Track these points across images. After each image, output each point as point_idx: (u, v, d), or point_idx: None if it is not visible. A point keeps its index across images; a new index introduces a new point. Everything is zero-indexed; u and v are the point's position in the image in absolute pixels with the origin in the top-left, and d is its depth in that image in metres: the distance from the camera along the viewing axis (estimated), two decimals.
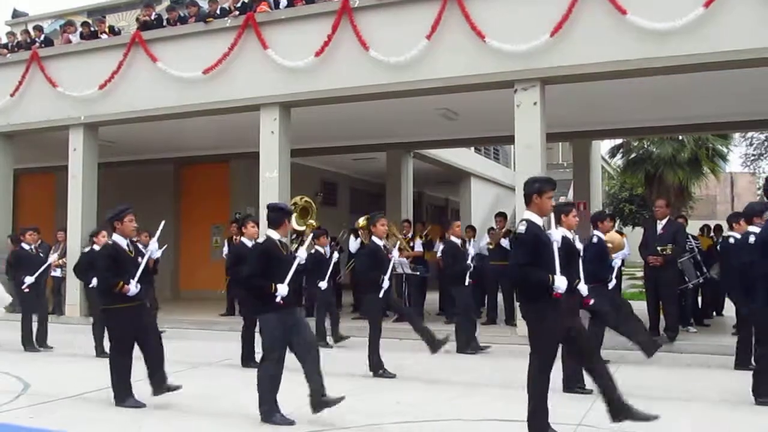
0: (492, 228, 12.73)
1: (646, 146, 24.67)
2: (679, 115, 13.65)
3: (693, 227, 12.36)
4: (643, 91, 11.36)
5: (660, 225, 9.90)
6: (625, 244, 11.29)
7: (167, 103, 12.56)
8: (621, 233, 11.96)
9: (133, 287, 6.35)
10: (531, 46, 10.01)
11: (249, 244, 8.43)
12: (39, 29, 14.99)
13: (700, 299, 11.79)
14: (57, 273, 13.87)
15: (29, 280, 10.02)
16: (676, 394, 6.83)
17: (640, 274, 13.89)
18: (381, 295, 7.91)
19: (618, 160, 27.71)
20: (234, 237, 13.19)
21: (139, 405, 6.36)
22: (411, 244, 12.65)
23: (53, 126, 13.89)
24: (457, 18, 10.42)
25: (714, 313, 12.25)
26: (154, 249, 7.06)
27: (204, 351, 8.96)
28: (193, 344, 9.75)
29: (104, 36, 13.82)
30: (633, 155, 25.18)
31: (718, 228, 12.61)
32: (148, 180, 18.25)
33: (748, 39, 9.00)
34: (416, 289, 12.53)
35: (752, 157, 34.33)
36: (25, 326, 10.19)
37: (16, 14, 20.14)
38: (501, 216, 12.49)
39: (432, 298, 13.18)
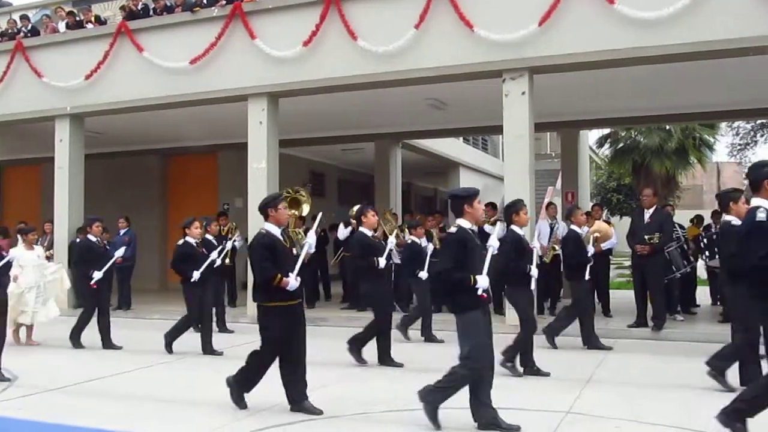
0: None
1: (633, 136, 24.79)
2: (666, 104, 13.70)
3: (680, 217, 12.45)
4: (630, 81, 11.39)
5: (647, 214, 9.96)
6: (613, 234, 11.39)
7: (154, 93, 12.47)
8: (608, 223, 12.05)
9: (292, 281, 5.73)
10: (519, 35, 10.01)
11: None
12: (26, 18, 14.84)
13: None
14: None
15: (98, 275, 9.24)
16: (663, 382, 6.88)
17: (628, 263, 13.97)
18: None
19: (606, 150, 27.82)
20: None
21: (316, 411, 5.81)
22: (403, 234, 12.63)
23: (39, 117, 13.76)
24: (445, 7, 10.40)
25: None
26: (312, 242, 6.41)
27: (192, 341, 8.93)
28: (182, 335, 9.70)
29: (90, 25, 13.69)
30: (621, 145, 25.29)
31: (700, 218, 12.65)
32: (135, 171, 18.14)
33: (736, 28, 9.03)
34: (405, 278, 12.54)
35: (738, 147, 34.52)
36: (82, 320, 9.53)
37: (0, 3, 19.91)
38: (490, 206, 12.49)
39: None
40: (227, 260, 12.92)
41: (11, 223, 14.76)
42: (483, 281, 5.12)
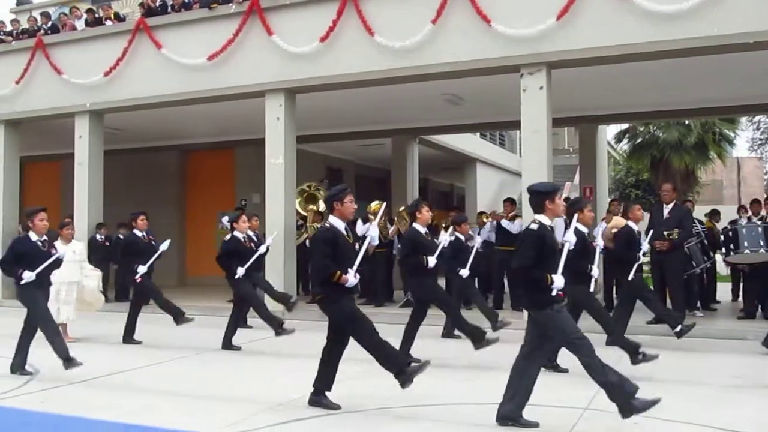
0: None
1: (652, 131, 24.55)
2: (685, 99, 13.58)
3: (699, 212, 12.33)
4: (649, 75, 11.30)
5: (666, 209, 9.89)
6: None
7: (172, 90, 12.56)
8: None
9: (351, 278, 5.59)
10: (537, 30, 9.96)
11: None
12: (46, 16, 14.99)
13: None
14: None
15: (142, 269, 9.16)
16: (683, 378, 6.83)
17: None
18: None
19: (624, 145, 27.58)
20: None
21: (335, 407, 5.72)
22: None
23: (59, 113, 13.90)
24: (462, 2, 10.37)
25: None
26: (375, 235, 6.15)
27: (211, 337, 8.99)
28: (201, 330, 9.76)
29: (109, 22, 13.79)
30: (639, 140, 25.06)
31: (714, 212, 12.44)
32: (154, 167, 18.27)
33: (756, 21, 8.94)
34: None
35: (759, 142, 34.15)
36: (132, 317, 9.47)
37: (20, 1, 20.10)
38: (509, 201, 12.43)
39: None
40: None
41: None
42: (559, 281, 4.99)
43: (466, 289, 9.56)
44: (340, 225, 5.73)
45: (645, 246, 8.38)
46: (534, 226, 5.17)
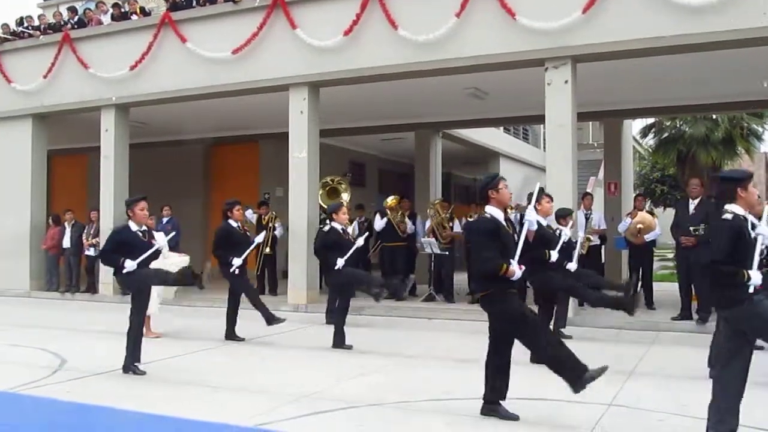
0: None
1: (678, 126, 24.26)
2: (712, 93, 13.38)
3: None
4: (675, 69, 11.15)
5: (692, 205, 9.76)
6: (656, 225, 11.21)
7: (197, 83, 12.62)
8: (652, 214, 11.86)
9: (517, 270, 5.21)
10: (562, 23, 9.86)
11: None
12: (73, 11, 15.14)
13: None
14: (91, 252, 14.11)
15: (237, 261, 8.87)
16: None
17: (672, 255, 13.74)
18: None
19: (650, 140, 27.27)
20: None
21: (512, 417, 5.28)
22: (450, 224, 12.60)
23: (85, 107, 14.05)
24: None
25: None
26: (532, 219, 5.81)
27: (237, 328, 9.06)
28: (224, 322, 9.83)
29: (134, 17, 13.90)
30: (665, 135, 24.77)
31: None
32: (178, 161, 18.40)
33: None
34: (447, 269, 12.53)
35: None
36: (232, 312, 9.14)
37: None
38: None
39: (460, 278, 13.13)
40: (267, 249, 13.10)
41: (59, 211, 15.15)
42: (756, 277, 4.53)
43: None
44: (499, 214, 5.35)
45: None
46: (728, 216, 4.65)
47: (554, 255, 7.48)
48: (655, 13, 9.45)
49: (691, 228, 9.46)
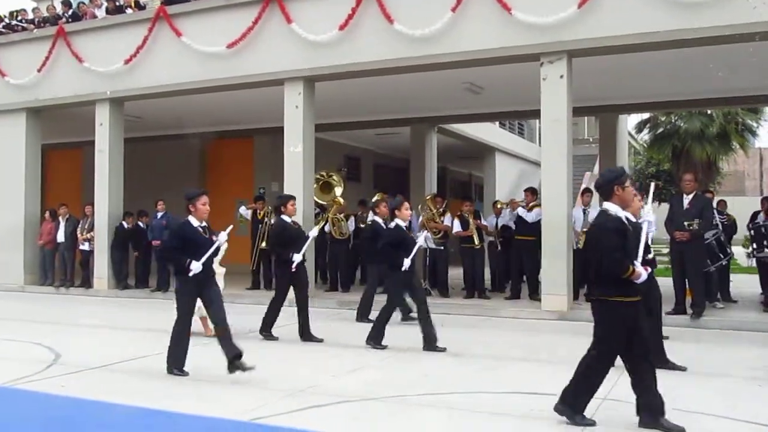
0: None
1: (673, 121, 24.35)
2: (707, 88, 13.42)
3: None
4: (671, 64, 11.17)
5: (687, 200, 9.78)
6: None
7: (192, 77, 12.60)
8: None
9: (643, 272, 4.89)
10: (558, 18, 9.87)
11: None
12: (67, 4, 15.08)
13: None
14: (85, 246, 14.09)
15: (298, 257, 8.50)
16: (702, 370, 6.78)
17: (666, 249, 13.75)
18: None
19: (645, 135, 27.39)
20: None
21: (588, 422, 4.97)
22: (442, 219, 12.61)
23: (80, 101, 14.02)
24: None
25: None
26: (653, 220, 5.44)
27: (230, 323, 9.03)
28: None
29: (129, 10, 13.86)
30: (660, 130, 24.86)
31: (722, 203, 12.11)
32: (173, 155, 18.37)
33: None
34: (442, 264, 12.55)
35: None
36: (274, 308, 8.70)
37: None
38: (530, 191, 12.30)
39: (453, 273, 13.14)
40: (263, 243, 13.08)
41: (53, 205, 15.11)
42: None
43: None
44: (622, 213, 4.99)
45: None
46: None
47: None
48: (651, 7, 9.47)
49: (685, 223, 9.48)
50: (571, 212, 10.79)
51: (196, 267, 6.36)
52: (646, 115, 25.34)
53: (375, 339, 7.93)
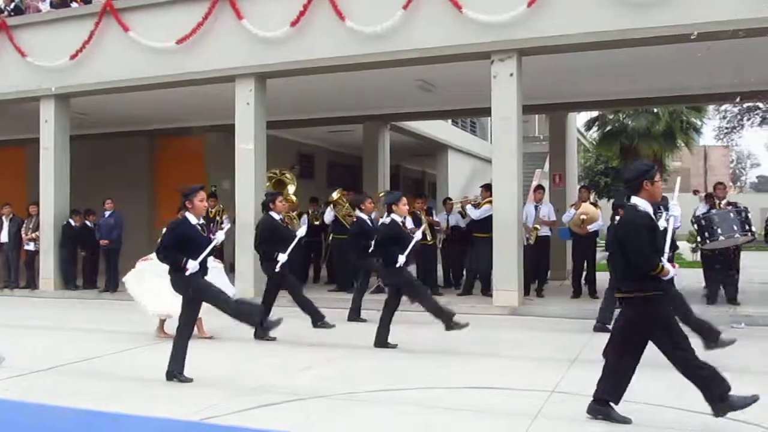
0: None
1: (621, 119, 24.86)
2: (654, 87, 13.72)
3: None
4: (619, 63, 11.39)
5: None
6: (600, 216, 11.46)
7: (140, 73, 12.38)
8: (595, 205, 12.12)
9: (672, 269, 4.84)
10: (508, 16, 9.98)
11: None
12: None
13: None
14: (30, 247, 13.76)
15: (283, 258, 8.24)
16: (650, 361, 6.89)
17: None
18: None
19: (594, 133, 27.91)
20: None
21: (625, 420, 4.88)
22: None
23: (23, 97, 13.67)
24: None
25: None
26: (678, 215, 5.39)
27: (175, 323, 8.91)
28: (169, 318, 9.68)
29: (75, 4, 13.55)
30: (609, 128, 25.37)
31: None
32: (122, 152, 18.02)
33: (724, 11, 9.05)
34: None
35: (725, 131, 34.72)
36: (266, 305, 8.39)
37: None
38: (486, 187, 12.37)
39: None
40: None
41: None
42: None
43: None
44: (649, 209, 4.91)
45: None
46: None
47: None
48: (599, 8, 9.65)
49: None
50: (522, 209, 10.94)
51: (192, 266, 6.15)
52: (595, 113, 25.83)
53: (383, 342, 7.73)
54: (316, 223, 13.43)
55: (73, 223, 13.51)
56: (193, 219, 6.36)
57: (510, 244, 10.27)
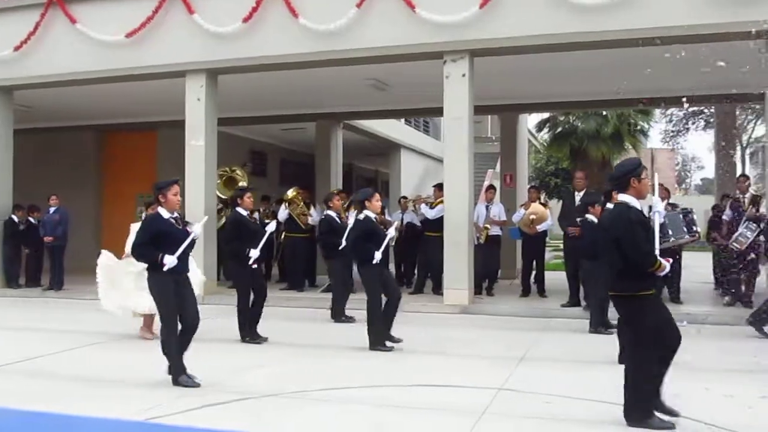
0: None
1: (571, 121, 25.24)
2: (603, 89, 13.97)
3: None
4: (570, 66, 11.58)
5: (578, 196, 10.21)
6: (549, 216, 11.64)
7: (88, 67, 12.11)
8: (545, 205, 12.30)
9: (667, 265, 4.80)
10: (460, 17, 10.06)
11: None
12: None
13: None
14: None
15: (255, 254, 7.99)
16: (595, 358, 7.06)
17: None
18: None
19: (545, 134, 28.28)
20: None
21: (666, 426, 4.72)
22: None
23: None
24: None
25: None
26: (662, 210, 5.35)
27: (126, 322, 8.75)
28: (114, 317, 9.49)
29: None
30: (559, 129, 25.73)
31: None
32: (68, 147, 17.63)
33: (673, 16, 9.27)
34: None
35: (671, 134, 35.56)
36: (243, 310, 8.13)
37: None
38: (438, 187, 12.42)
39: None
40: None
41: None
42: None
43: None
44: (637, 205, 4.91)
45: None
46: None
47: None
48: (551, 11, 9.79)
49: (578, 219, 9.87)
50: (473, 209, 11.04)
51: (170, 261, 5.93)
52: (546, 115, 26.18)
53: (378, 342, 7.55)
54: (267, 221, 13.30)
55: (15, 220, 13.15)
56: (165, 213, 6.18)
57: (461, 244, 10.35)
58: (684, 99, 11.52)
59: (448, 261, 10.41)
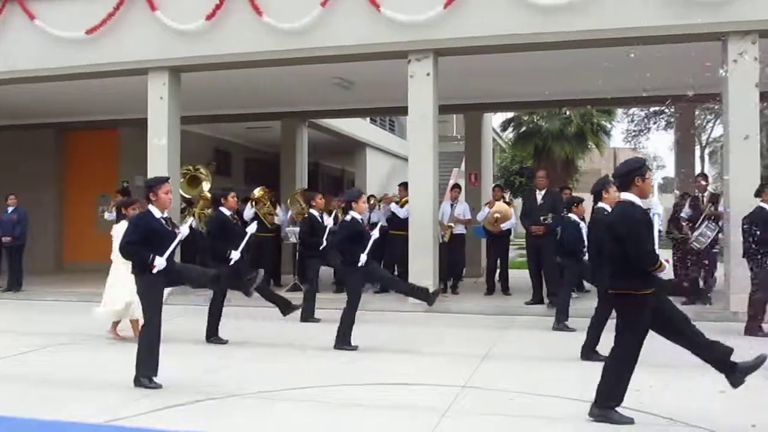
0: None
1: (535, 120, 25.52)
2: (566, 90, 14.12)
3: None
4: (533, 66, 11.68)
5: (539, 195, 10.33)
6: (513, 215, 11.74)
7: (47, 64, 11.87)
8: (509, 204, 12.40)
9: (667, 265, 4.84)
10: (425, 17, 10.09)
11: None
12: None
13: None
14: None
15: (235, 255, 7.79)
16: (559, 356, 7.13)
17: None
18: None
19: (509, 133, 28.54)
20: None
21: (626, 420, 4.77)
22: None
23: None
24: None
25: None
26: (661, 212, 5.24)
27: (87, 323, 8.61)
28: (79, 317, 9.34)
29: None
30: (523, 129, 26.01)
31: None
32: (28, 146, 17.30)
33: (632, 17, 9.42)
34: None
35: (633, 133, 36.12)
36: (215, 312, 8.07)
37: None
38: (404, 186, 12.44)
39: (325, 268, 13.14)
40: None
41: None
42: None
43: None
44: (640, 203, 4.87)
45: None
46: None
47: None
48: (515, 11, 9.87)
49: (541, 217, 9.99)
50: (437, 207, 11.08)
51: (160, 263, 5.78)
52: (510, 115, 26.43)
53: (344, 341, 7.53)
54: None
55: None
56: (157, 212, 6.02)
57: (425, 242, 10.38)
58: (644, 93, 11.68)
59: (413, 260, 10.44)
